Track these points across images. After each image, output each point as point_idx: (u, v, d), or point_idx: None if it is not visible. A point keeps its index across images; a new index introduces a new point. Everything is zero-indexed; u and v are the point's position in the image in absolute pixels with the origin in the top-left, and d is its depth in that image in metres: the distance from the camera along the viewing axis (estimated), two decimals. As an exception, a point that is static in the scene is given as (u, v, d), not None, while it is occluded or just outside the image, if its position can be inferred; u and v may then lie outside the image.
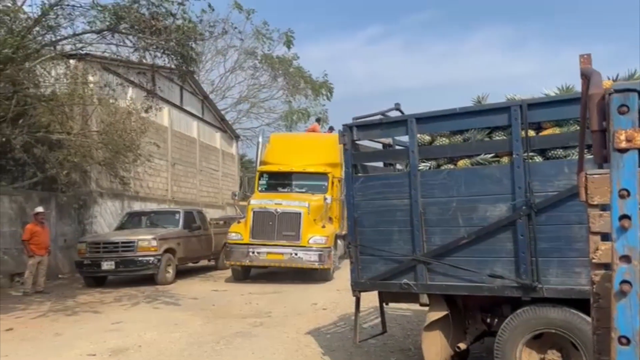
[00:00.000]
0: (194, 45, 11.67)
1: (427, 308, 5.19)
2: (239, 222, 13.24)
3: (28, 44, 10.14)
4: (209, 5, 10.44)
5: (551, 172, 4.39)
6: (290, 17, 60.85)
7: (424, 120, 5.02)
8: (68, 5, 9.91)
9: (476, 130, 4.84)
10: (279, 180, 14.24)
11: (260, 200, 12.94)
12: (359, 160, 5.55)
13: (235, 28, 20.84)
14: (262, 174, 14.43)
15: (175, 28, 10.12)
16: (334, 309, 9.18)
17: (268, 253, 12.35)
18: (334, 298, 10.13)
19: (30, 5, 17.14)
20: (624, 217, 1.24)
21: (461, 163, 4.92)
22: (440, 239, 4.88)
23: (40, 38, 10.64)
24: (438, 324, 4.97)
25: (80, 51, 11.79)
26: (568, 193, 4.18)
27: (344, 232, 14.08)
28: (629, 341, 1.25)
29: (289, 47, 32.01)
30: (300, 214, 12.44)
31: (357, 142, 5.50)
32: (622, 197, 1.24)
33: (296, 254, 12.24)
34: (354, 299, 5.73)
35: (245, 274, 13.24)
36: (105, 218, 16.81)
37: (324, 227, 12.82)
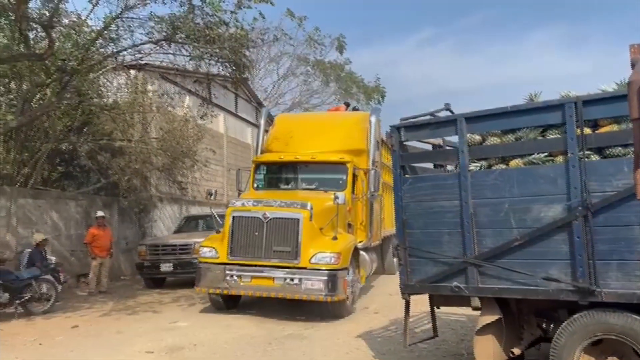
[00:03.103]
0: (247, 53, 11.93)
1: (480, 312, 5.08)
2: (218, 232, 9.69)
3: (91, 55, 10.69)
4: (260, 14, 10.65)
5: (609, 171, 4.22)
6: (342, 23, 61.09)
7: (474, 119, 4.93)
8: (128, 17, 10.38)
9: (529, 129, 4.71)
10: (281, 174, 11.10)
11: (244, 201, 9.56)
12: (407, 162, 5.50)
13: (286, 34, 21.10)
14: (258, 165, 11.06)
15: (228, 36, 10.40)
16: (386, 313, 9.11)
17: (253, 277, 8.87)
18: (385, 302, 10.04)
19: (91, 19, 18.10)
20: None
21: (513, 163, 4.80)
22: (492, 241, 4.76)
23: (102, 50, 11.19)
24: (490, 328, 4.85)
25: (140, 61, 12.30)
26: (627, 193, 4.00)
27: (373, 244, 11.31)
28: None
29: (341, 52, 32.08)
30: (298, 220, 8.88)
31: (405, 143, 5.46)
32: (663, 186, 1.19)
33: (292, 280, 8.70)
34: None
35: (230, 303, 9.62)
36: (164, 222, 17.41)
37: (335, 238, 9.01)
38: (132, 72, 14.30)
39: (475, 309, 5.20)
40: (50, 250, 11.53)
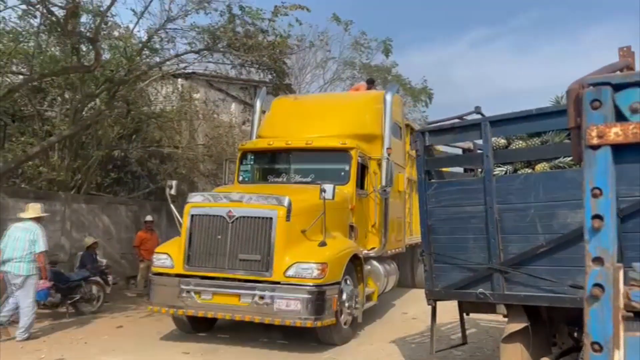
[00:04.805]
0: (286, 60, 12.13)
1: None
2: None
3: (137, 66, 11.16)
4: (297, 20, 10.80)
5: (638, 174, 4.02)
6: (392, 26, 60.72)
7: (498, 123, 4.83)
8: (170, 28, 10.77)
9: (555, 132, 4.59)
10: (271, 165, 9.44)
11: (206, 195, 7.76)
12: (432, 166, 5.45)
13: (322, 40, 21.27)
14: (244, 154, 9.35)
15: (267, 44, 10.60)
16: (425, 318, 8.93)
17: (214, 293, 7.11)
18: (425, 307, 9.84)
19: (138, 31, 18.94)
20: (596, 217, 1.17)
21: (539, 167, 4.68)
22: (518, 247, 4.65)
23: (147, 60, 11.66)
24: (517, 336, 4.73)
25: (184, 70, 12.73)
26: (657, 197, 3.81)
27: (391, 251, 9.55)
28: (601, 347, 1.18)
29: (387, 56, 31.90)
30: (270, 219, 7.04)
31: (429, 147, 5.42)
32: (594, 196, 1.17)
33: (262, 297, 6.84)
34: (446, 308, 5.63)
35: (200, 324, 7.87)
36: (211, 226, 17.82)
37: (323, 244, 7.14)
38: (179, 80, 14.80)
39: (504, 316, 5.11)
40: (101, 253, 12.05)
